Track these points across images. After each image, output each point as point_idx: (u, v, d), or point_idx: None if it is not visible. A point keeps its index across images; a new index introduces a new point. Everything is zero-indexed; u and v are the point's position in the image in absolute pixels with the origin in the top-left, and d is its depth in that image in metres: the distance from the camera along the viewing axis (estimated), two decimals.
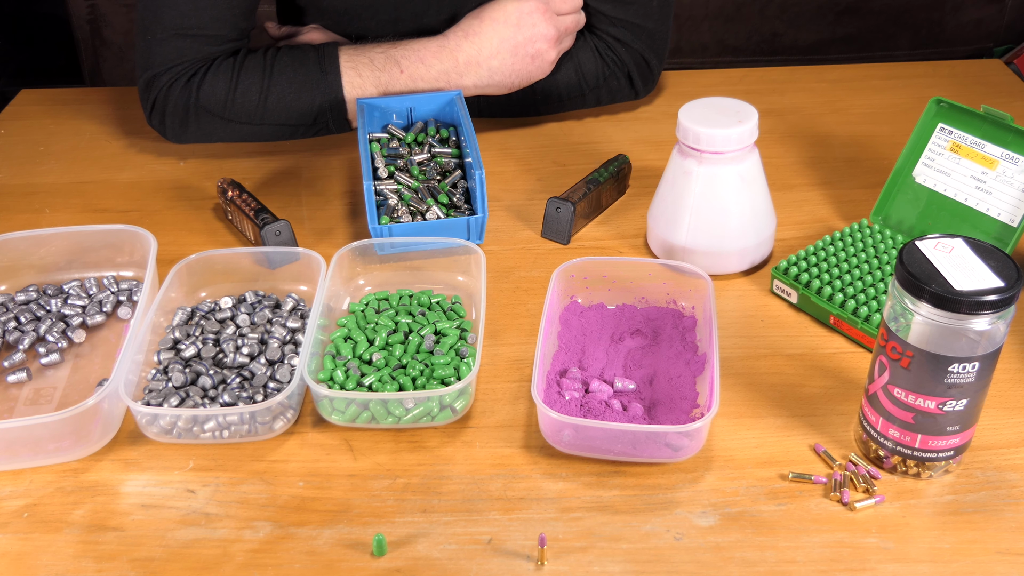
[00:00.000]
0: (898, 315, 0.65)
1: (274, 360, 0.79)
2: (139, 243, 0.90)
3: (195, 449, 0.74)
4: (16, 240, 0.89)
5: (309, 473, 0.72)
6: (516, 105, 1.14)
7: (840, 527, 0.66)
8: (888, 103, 1.21)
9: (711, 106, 0.88)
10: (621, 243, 0.97)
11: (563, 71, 1.12)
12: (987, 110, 0.88)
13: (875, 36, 1.86)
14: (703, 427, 0.69)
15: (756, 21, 1.84)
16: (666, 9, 1.12)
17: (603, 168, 1.01)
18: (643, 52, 1.13)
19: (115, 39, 1.82)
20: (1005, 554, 0.64)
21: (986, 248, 0.65)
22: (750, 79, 1.28)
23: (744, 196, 0.88)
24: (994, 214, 0.87)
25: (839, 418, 0.75)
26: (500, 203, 1.02)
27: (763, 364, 0.81)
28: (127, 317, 0.87)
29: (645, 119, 1.18)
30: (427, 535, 0.67)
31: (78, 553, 0.66)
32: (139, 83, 1.06)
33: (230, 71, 1.03)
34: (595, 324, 0.84)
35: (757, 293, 0.89)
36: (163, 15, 1.02)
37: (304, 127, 1.06)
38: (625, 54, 1.13)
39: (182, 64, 1.04)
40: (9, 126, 1.21)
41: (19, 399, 0.79)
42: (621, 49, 1.12)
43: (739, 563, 0.64)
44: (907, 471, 0.70)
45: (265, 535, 0.67)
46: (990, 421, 0.74)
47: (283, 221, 0.92)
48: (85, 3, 1.79)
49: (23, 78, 2.23)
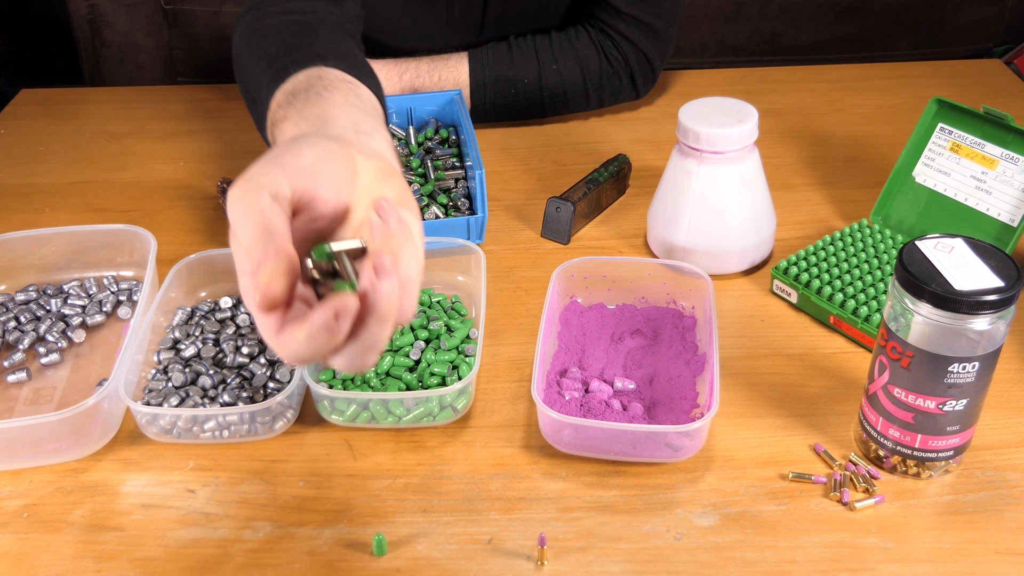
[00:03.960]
0: (898, 315, 0.65)
1: (274, 360, 0.79)
2: (139, 243, 0.90)
3: (195, 449, 0.74)
4: (16, 240, 0.89)
5: (309, 473, 0.72)
6: (522, 108, 1.15)
7: (840, 527, 0.66)
8: (888, 103, 1.21)
9: (711, 106, 0.88)
10: (621, 243, 0.97)
11: (568, 70, 1.12)
12: (987, 110, 0.87)
13: (875, 36, 1.86)
14: (703, 427, 0.69)
15: (756, 21, 1.83)
16: (676, 10, 1.12)
17: (603, 168, 1.01)
18: (648, 52, 1.13)
19: (115, 39, 1.82)
20: (1005, 554, 0.64)
21: (986, 248, 0.65)
22: (750, 79, 1.28)
23: (744, 196, 0.88)
24: (994, 214, 0.87)
25: (839, 418, 0.75)
26: (500, 203, 1.02)
27: (763, 364, 0.81)
28: (127, 317, 0.87)
29: (645, 119, 1.18)
30: (427, 535, 0.67)
31: (78, 553, 0.66)
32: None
33: (252, 28, 0.89)
34: (595, 324, 0.83)
35: (757, 293, 0.89)
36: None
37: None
38: (630, 52, 1.13)
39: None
40: (9, 126, 1.21)
41: (19, 399, 0.79)
42: (627, 47, 1.12)
43: (739, 563, 0.64)
44: (907, 471, 0.70)
45: (265, 535, 0.67)
46: (990, 421, 0.74)
47: None
48: (85, 3, 1.79)
49: (23, 78, 2.23)
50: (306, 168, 0.54)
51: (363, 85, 0.75)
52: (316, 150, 0.55)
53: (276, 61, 0.79)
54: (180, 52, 1.80)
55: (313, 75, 0.74)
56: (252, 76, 0.83)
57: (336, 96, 0.70)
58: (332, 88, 0.71)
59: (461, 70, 1.11)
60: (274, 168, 0.53)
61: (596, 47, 1.12)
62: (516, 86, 1.12)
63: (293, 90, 0.72)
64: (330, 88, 0.71)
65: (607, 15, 1.11)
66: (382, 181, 0.57)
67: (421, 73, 1.11)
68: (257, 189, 0.51)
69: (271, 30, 0.87)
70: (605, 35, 1.12)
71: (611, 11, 1.11)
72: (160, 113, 1.23)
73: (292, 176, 0.53)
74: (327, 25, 0.88)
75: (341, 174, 0.55)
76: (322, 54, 0.77)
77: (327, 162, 0.55)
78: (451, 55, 1.12)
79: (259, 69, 0.81)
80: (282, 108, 0.72)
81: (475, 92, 1.12)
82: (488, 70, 1.11)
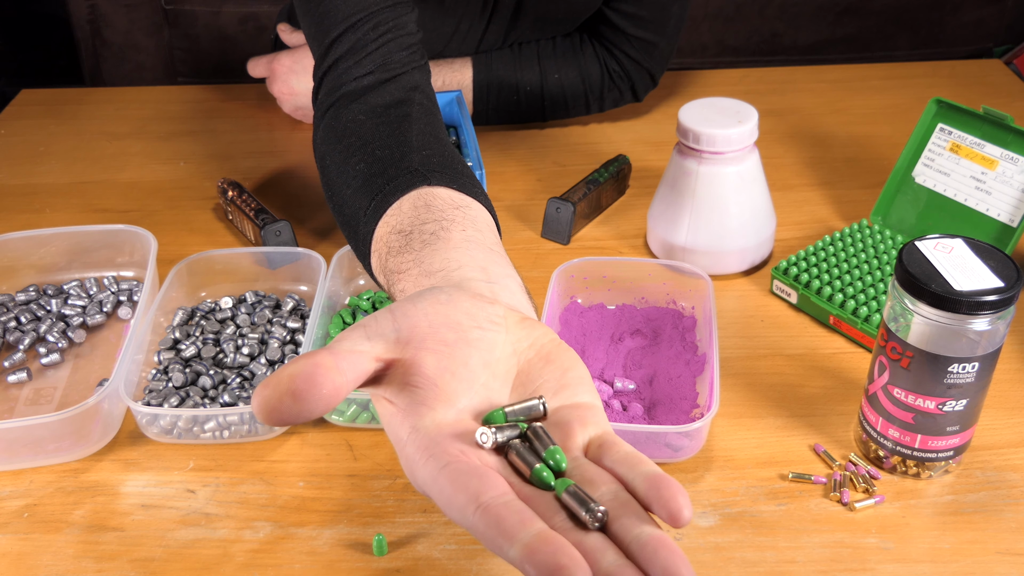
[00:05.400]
0: (898, 315, 0.65)
1: (274, 360, 0.79)
2: (139, 243, 0.90)
3: (195, 449, 0.74)
4: (16, 240, 0.89)
5: (309, 473, 0.72)
6: (523, 113, 1.15)
7: (840, 527, 0.66)
8: (888, 103, 1.21)
9: (711, 106, 0.88)
10: (621, 243, 0.97)
11: (570, 79, 1.12)
12: (987, 110, 0.88)
13: (875, 36, 1.86)
14: (703, 427, 0.69)
15: (756, 21, 1.84)
16: (680, 26, 1.13)
17: (603, 168, 1.01)
18: (651, 68, 1.13)
19: (115, 39, 1.82)
20: (1005, 554, 0.64)
21: (986, 248, 0.65)
22: (750, 79, 1.28)
23: (744, 196, 0.88)
24: (994, 214, 0.87)
25: (839, 418, 0.75)
26: (500, 203, 1.02)
27: (763, 364, 0.81)
28: (127, 317, 0.87)
29: (645, 119, 1.19)
30: (427, 535, 0.67)
31: (78, 553, 0.66)
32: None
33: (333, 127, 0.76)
34: (595, 324, 0.84)
35: (757, 293, 0.89)
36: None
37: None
38: (633, 70, 1.13)
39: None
40: (9, 126, 1.21)
41: (19, 399, 0.79)
42: (631, 65, 1.13)
43: (739, 563, 0.64)
44: (907, 471, 0.70)
45: (265, 535, 0.67)
46: (990, 421, 0.74)
47: (283, 221, 0.92)
48: (85, 3, 1.79)
49: (23, 78, 2.23)
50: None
51: (476, 204, 0.64)
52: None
53: (371, 182, 0.67)
54: (180, 52, 1.81)
55: (420, 205, 0.63)
56: (343, 194, 0.71)
57: (454, 235, 0.59)
58: (448, 224, 0.60)
59: (465, 74, 1.11)
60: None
61: (599, 62, 1.12)
62: (518, 92, 1.12)
63: (402, 229, 0.62)
64: (446, 226, 0.60)
65: (613, 35, 1.11)
66: (523, 329, 0.50)
67: None
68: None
69: (355, 135, 0.73)
70: (609, 53, 1.12)
71: (618, 34, 1.11)
72: (160, 113, 1.23)
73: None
74: (415, 120, 0.74)
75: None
76: (422, 170, 0.65)
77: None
78: (455, 59, 1.12)
79: (350, 189, 0.70)
80: (395, 255, 0.61)
81: (478, 96, 1.12)
82: (492, 75, 1.11)
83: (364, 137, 0.73)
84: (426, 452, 0.44)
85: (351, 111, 0.75)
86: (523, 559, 0.39)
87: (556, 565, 0.38)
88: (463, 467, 0.43)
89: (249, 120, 1.20)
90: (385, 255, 0.62)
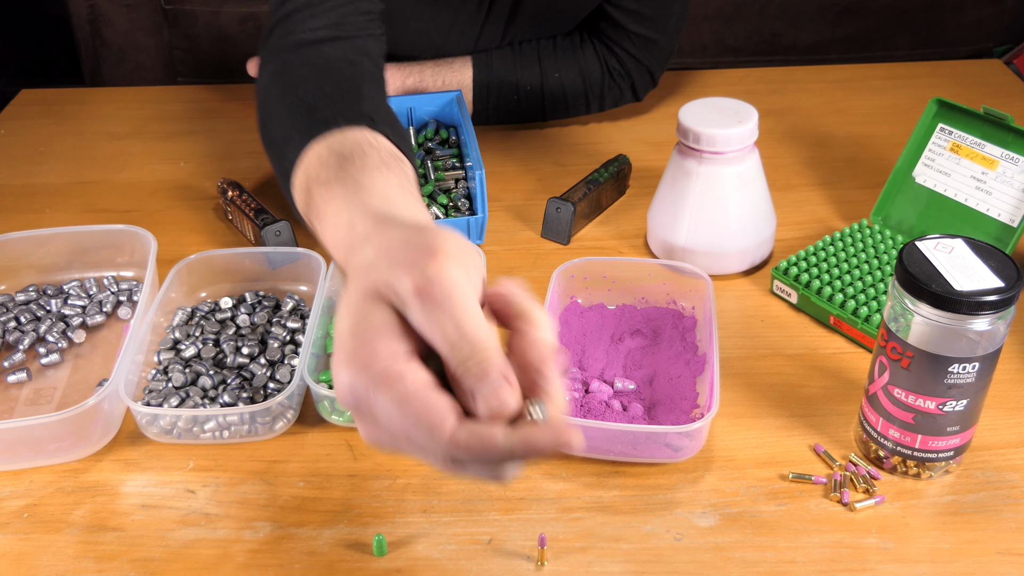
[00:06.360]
0: (898, 315, 0.65)
1: (274, 360, 0.79)
2: (139, 243, 0.90)
3: (195, 449, 0.74)
4: (16, 240, 0.89)
5: (309, 473, 0.72)
6: (523, 113, 1.15)
7: (840, 527, 0.66)
8: (888, 103, 1.21)
9: (711, 106, 0.88)
10: (621, 243, 0.97)
11: (570, 78, 1.12)
12: (987, 110, 0.87)
13: (875, 36, 1.86)
14: (703, 427, 0.69)
15: (756, 21, 1.83)
16: (681, 25, 1.13)
17: (603, 168, 1.01)
18: (651, 66, 1.13)
19: (115, 39, 1.82)
20: (1005, 554, 0.64)
21: (986, 248, 0.65)
22: (750, 79, 1.28)
23: (744, 196, 0.88)
24: (994, 214, 0.87)
25: (839, 418, 0.75)
26: (500, 203, 1.02)
27: (763, 364, 0.81)
28: (127, 317, 0.87)
29: (645, 119, 1.19)
30: (427, 535, 0.67)
31: (78, 553, 0.66)
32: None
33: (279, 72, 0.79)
34: (595, 324, 0.84)
35: (757, 293, 0.89)
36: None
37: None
38: (633, 67, 1.13)
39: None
40: (9, 126, 1.21)
41: (19, 399, 0.79)
42: (630, 62, 1.13)
43: (739, 563, 0.64)
44: (907, 471, 0.70)
45: (265, 535, 0.67)
46: (990, 421, 0.74)
47: (283, 221, 0.92)
48: (85, 3, 1.79)
49: (23, 78, 2.23)
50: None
51: (409, 163, 0.66)
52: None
53: (314, 112, 0.69)
54: (180, 52, 1.80)
55: (364, 141, 0.64)
56: (281, 121, 0.72)
57: (392, 178, 0.61)
58: (389, 166, 0.62)
59: (465, 74, 1.11)
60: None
61: (600, 60, 1.12)
62: (519, 91, 1.12)
63: (342, 150, 0.63)
64: (389, 165, 0.62)
65: (614, 32, 1.11)
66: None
67: (425, 77, 1.11)
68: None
69: (308, 73, 0.76)
70: (610, 51, 1.12)
71: (619, 30, 1.11)
72: (160, 113, 1.23)
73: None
74: (367, 79, 0.77)
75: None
76: (371, 116, 0.67)
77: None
78: (455, 59, 1.12)
79: (293, 117, 0.70)
80: (327, 168, 0.62)
81: (478, 96, 1.12)
82: (492, 75, 1.11)
83: (315, 79, 0.74)
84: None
85: (303, 55, 0.77)
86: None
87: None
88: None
89: (249, 120, 1.20)
90: (315, 166, 0.62)
